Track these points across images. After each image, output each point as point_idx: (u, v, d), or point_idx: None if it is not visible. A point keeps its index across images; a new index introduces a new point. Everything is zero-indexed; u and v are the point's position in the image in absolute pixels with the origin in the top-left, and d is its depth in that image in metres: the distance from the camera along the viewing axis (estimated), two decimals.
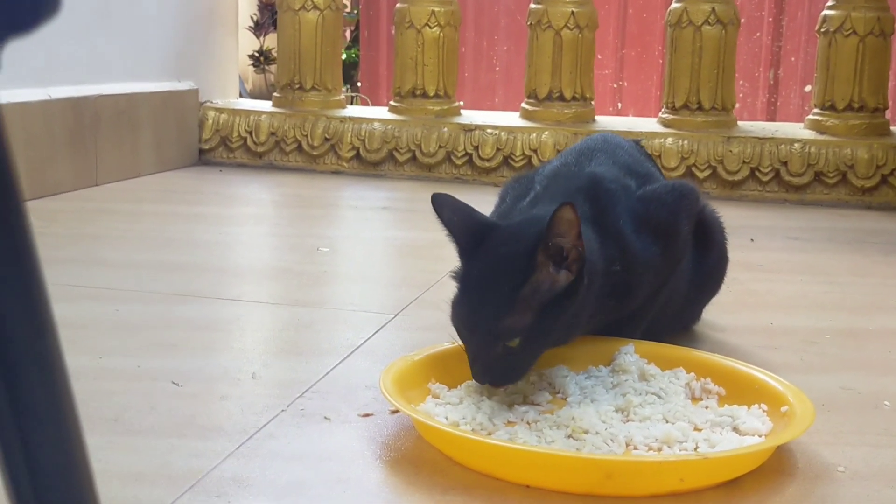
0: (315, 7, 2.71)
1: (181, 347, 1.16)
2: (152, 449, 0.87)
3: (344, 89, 4.87)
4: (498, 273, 0.94)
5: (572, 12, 2.55)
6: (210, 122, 2.72)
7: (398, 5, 2.70)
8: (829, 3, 2.51)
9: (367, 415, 0.97)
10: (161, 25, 2.59)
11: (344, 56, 4.98)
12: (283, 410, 0.97)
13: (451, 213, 0.99)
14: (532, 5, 2.61)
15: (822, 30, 2.50)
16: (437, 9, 2.64)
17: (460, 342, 0.98)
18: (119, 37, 2.40)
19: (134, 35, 2.46)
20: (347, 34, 5.13)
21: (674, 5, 2.54)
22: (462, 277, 0.98)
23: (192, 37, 2.74)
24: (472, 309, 0.94)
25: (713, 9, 2.48)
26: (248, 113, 2.73)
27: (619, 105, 4.29)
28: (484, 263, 0.96)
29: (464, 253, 0.98)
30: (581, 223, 0.93)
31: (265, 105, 2.83)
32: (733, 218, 2.15)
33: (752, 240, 1.89)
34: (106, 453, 0.86)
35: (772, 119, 4.06)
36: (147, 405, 0.97)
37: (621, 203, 1.07)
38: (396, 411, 0.95)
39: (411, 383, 0.97)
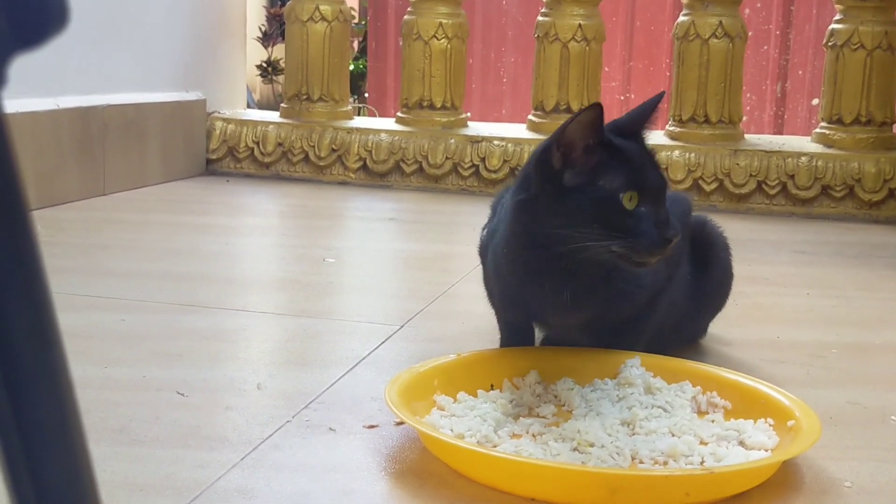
0: (323, 18, 2.72)
1: (187, 358, 1.16)
2: (157, 460, 0.87)
3: (352, 100, 4.87)
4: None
5: (580, 25, 2.55)
6: (217, 132, 2.73)
7: (406, 17, 2.70)
8: (837, 17, 2.51)
9: (372, 426, 0.96)
10: (169, 36, 2.60)
11: (352, 67, 5.00)
12: (288, 421, 0.97)
13: None
14: (539, 17, 2.61)
15: (830, 44, 2.50)
16: (444, 21, 2.65)
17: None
18: (127, 47, 2.41)
19: (142, 46, 2.47)
20: (355, 45, 5.15)
21: (681, 18, 2.54)
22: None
23: (201, 48, 2.74)
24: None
25: (720, 22, 2.48)
26: (255, 123, 2.73)
27: None
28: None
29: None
30: None
31: (272, 116, 2.83)
32: (740, 231, 2.16)
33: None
34: (111, 464, 0.86)
35: (779, 132, 4.06)
36: (152, 415, 0.97)
37: None
38: (401, 423, 0.94)
39: (416, 395, 0.97)
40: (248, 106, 4.00)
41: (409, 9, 2.71)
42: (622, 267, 0.99)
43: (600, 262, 0.98)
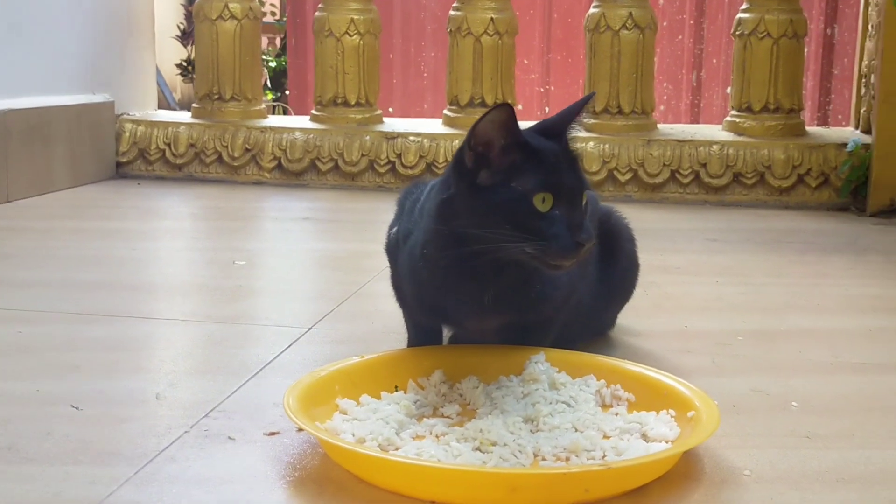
0: (232, 17, 2.67)
1: (84, 369, 1.13)
2: (46, 477, 0.84)
3: (276, 96, 4.81)
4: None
5: (492, 18, 2.55)
6: (127, 134, 2.67)
7: (317, 14, 2.67)
8: (744, 7, 2.54)
9: (273, 433, 0.94)
10: (75, 37, 2.54)
11: (274, 63, 4.93)
12: (185, 432, 0.94)
13: None
14: (452, 12, 2.61)
15: (738, 32, 2.54)
16: (356, 17, 2.62)
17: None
18: (30, 49, 2.34)
19: (46, 47, 2.41)
20: (277, 41, 5.08)
21: (592, 10, 2.56)
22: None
23: (108, 48, 2.68)
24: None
25: (630, 13, 2.50)
26: (166, 125, 2.68)
27: (547, 109, 4.31)
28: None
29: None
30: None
31: (184, 116, 2.78)
32: (654, 221, 2.18)
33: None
34: None
35: (695, 121, 4.11)
36: (43, 431, 0.94)
37: None
38: (303, 429, 0.92)
39: (318, 400, 0.95)
40: (169, 105, 3.92)
41: (320, 5, 2.68)
42: (540, 269, 0.98)
43: (519, 264, 0.97)
